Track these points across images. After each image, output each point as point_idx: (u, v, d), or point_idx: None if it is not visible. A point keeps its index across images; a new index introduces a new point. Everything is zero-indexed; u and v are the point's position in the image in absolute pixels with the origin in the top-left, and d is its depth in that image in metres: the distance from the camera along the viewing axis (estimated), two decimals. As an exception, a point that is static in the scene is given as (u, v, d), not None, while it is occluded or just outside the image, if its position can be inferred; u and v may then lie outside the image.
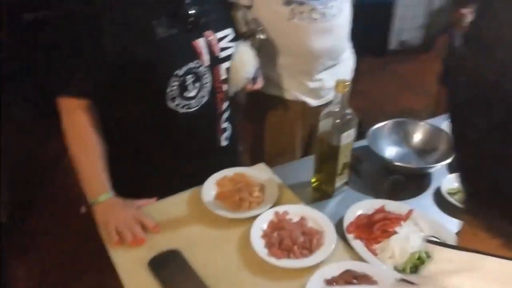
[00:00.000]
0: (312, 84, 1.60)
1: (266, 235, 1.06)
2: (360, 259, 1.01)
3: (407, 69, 4.19)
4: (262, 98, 1.62)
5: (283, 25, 1.47)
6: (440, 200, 1.20)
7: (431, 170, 1.27)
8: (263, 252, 1.01)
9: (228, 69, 1.29)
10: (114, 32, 1.09)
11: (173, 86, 1.16)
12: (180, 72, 1.15)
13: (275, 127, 1.71)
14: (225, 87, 1.30)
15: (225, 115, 1.35)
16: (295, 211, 1.13)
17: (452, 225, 1.11)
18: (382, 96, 3.58)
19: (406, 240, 1.03)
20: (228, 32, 1.29)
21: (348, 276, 0.93)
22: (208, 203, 1.16)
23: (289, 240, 1.03)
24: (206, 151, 1.34)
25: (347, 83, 1.09)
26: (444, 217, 1.16)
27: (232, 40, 1.30)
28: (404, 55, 4.39)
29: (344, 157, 1.17)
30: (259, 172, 1.29)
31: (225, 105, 1.33)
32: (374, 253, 1.03)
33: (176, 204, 1.20)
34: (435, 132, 1.33)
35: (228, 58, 1.28)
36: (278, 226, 1.08)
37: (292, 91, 1.61)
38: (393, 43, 4.38)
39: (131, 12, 1.10)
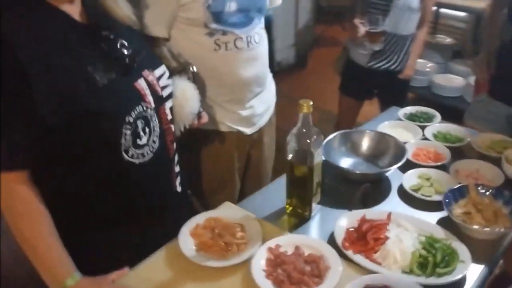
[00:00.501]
0: (244, 112, 1.62)
1: (270, 275, 1.02)
2: (367, 272, 1.04)
3: (289, 88, 4.47)
4: (195, 134, 1.58)
5: (209, 57, 1.47)
6: (407, 198, 1.30)
7: (388, 173, 1.37)
8: (275, 292, 0.98)
9: (172, 108, 1.24)
10: (49, 89, 0.96)
11: (126, 135, 1.07)
12: (131, 118, 1.07)
13: (212, 162, 1.68)
14: (172, 127, 1.25)
15: (176, 157, 1.29)
16: (286, 242, 1.11)
17: (429, 217, 1.21)
18: (277, 115, 3.76)
19: (400, 242, 1.09)
20: (164, 69, 1.24)
21: (370, 291, 0.95)
22: (193, 258, 1.08)
23: (296, 272, 1.01)
24: (164, 200, 1.26)
25: (311, 103, 1.12)
26: (417, 212, 1.25)
27: (169, 77, 1.26)
28: (282, 75, 4.68)
29: (317, 177, 1.20)
30: (230, 212, 1.24)
31: (174, 147, 1.27)
32: (377, 262, 1.06)
33: (153, 267, 1.09)
34: (380, 137, 1.45)
35: (170, 96, 1.24)
36: (277, 262, 1.05)
37: (226, 122, 1.61)
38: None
39: (62, 62, 0.99)
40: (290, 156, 1.18)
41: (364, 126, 1.71)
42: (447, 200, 1.20)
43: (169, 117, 1.23)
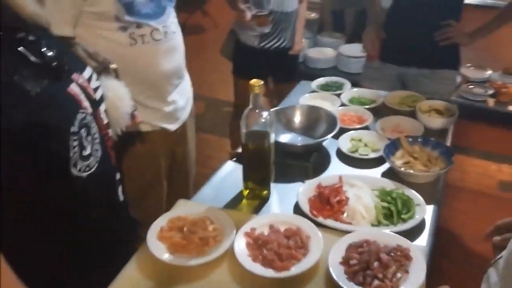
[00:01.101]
0: (167, 108, 1.58)
1: (256, 258, 1.05)
2: (341, 233, 1.12)
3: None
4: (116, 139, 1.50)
5: (126, 52, 1.41)
6: (347, 160, 1.43)
7: (324, 143, 1.48)
8: (269, 273, 1.01)
9: (106, 111, 1.17)
10: None
11: (74, 148, 0.98)
12: (75, 128, 0.99)
13: (136, 166, 1.61)
14: (110, 132, 1.18)
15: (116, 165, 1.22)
16: (259, 223, 1.14)
17: (372, 173, 1.35)
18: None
19: (360, 199, 1.20)
20: (91, 70, 1.16)
21: (355, 248, 1.04)
22: (173, 261, 1.05)
23: (283, 248, 1.05)
24: (111, 212, 1.19)
25: (261, 83, 1.16)
26: (361, 171, 1.38)
27: (97, 79, 1.18)
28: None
29: (273, 155, 1.25)
30: (188, 209, 1.23)
31: (113, 153, 1.21)
32: (346, 222, 1.16)
33: (131, 283, 1.03)
34: (311, 110, 1.55)
35: (102, 98, 1.16)
36: (259, 244, 1.08)
37: (149, 121, 1.55)
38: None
39: None
40: (245, 138, 1.20)
41: (285, 102, 1.81)
42: (386, 155, 1.35)
43: (105, 121, 1.16)
